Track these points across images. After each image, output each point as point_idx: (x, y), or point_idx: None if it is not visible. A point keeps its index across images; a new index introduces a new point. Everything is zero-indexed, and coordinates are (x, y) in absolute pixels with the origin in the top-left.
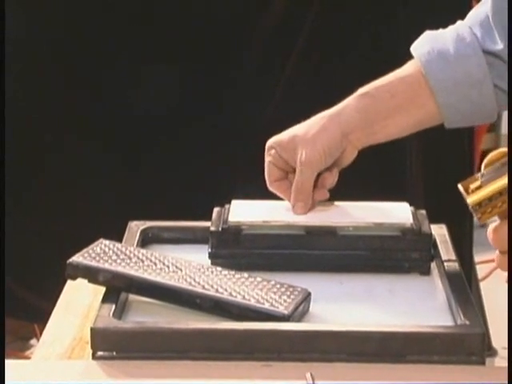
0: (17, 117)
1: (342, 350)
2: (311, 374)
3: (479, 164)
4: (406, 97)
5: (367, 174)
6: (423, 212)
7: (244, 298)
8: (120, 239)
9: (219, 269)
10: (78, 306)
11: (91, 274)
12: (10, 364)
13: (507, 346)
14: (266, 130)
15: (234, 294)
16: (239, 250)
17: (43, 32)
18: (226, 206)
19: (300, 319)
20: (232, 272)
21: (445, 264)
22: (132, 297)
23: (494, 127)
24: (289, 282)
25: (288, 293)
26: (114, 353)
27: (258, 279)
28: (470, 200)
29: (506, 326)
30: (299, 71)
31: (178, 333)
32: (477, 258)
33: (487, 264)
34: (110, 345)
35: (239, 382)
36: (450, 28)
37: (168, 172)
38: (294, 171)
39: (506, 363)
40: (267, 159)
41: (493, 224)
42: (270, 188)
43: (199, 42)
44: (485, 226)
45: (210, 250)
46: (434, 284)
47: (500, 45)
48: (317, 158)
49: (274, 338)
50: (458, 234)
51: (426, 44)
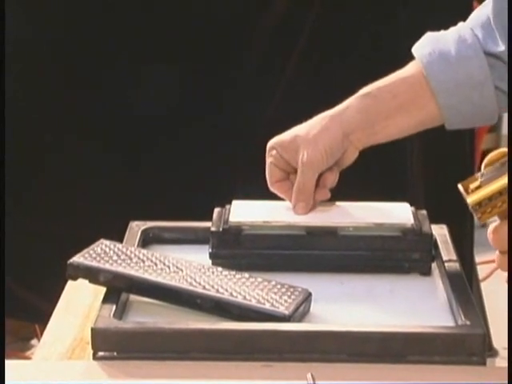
0: (17, 117)
1: (342, 351)
2: (312, 375)
3: (480, 164)
4: (407, 97)
5: (368, 175)
6: (424, 212)
7: (245, 298)
8: (120, 239)
9: (220, 269)
10: (78, 306)
11: (92, 275)
12: (11, 364)
13: (507, 346)
14: (266, 130)
15: (234, 294)
16: (240, 250)
17: (43, 32)
18: (227, 206)
19: (301, 319)
20: (233, 272)
21: (445, 264)
22: (133, 297)
23: (494, 128)
24: (289, 283)
25: (289, 293)
26: (115, 353)
27: (259, 279)
28: (470, 200)
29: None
30: (299, 71)
31: (179, 333)
32: (478, 258)
33: (488, 264)
34: (110, 345)
35: (240, 383)
36: (452, 29)
37: (168, 172)
38: (295, 172)
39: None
40: (268, 160)
41: (493, 224)
42: (272, 189)
43: (199, 42)
44: (485, 227)
45: (210, 250)
46: (435, 284)
47: (501, 46)
48: (318, 159)
49: (275, 339)
50: (458, 234)
51: (427, 45)
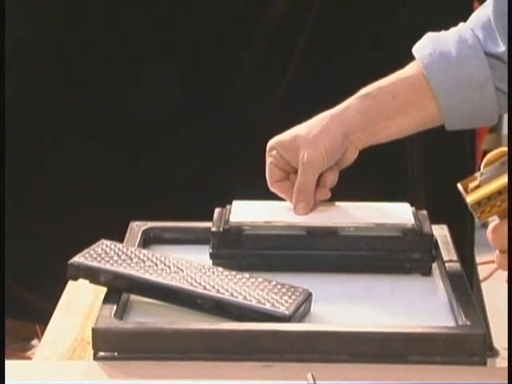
0: (17, 117)
1: (343, 351)
2: (312, 375)
3: (480, 164)
4: (407, 98)
5: (368, 175)
6: (424, 212)
7: (245, 298)
8: (120, 239)
9: (220, 269)
10: (79, 306)
11: (92, 275)
12: (12, 364)
13: (507, 346)
14: (266, 130)
15: (235, 294)
16: (240, 250)
17: (43, 32)
18: (227, 206)
19: (301, 320)
20: (233, 272)
21: (446, 264)
22: (133, 297)
23: (495, 128)
24: (290, 283)
25: (289, 293)
26: (116, 353)
27: (259, 280)
28: (469, 199)
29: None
30: (299, 71)
31: (179, 333)
32: (478, 258)
33: (488, 265)
34: (111, 345)
35: (240, 383)
36: (452, 30)
37: (168, 172)
38: (295, 172)
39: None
40: (268, 160)
41: (492, 223)
42: (272, 189)
43: (199, 42)
44: (486, 227)
45: (211, 250)
46: (436, 284)
47: (502, 47)
48: (319, 159)
49: (275, 339)
50: (459, 234)
51: (427, 45)
